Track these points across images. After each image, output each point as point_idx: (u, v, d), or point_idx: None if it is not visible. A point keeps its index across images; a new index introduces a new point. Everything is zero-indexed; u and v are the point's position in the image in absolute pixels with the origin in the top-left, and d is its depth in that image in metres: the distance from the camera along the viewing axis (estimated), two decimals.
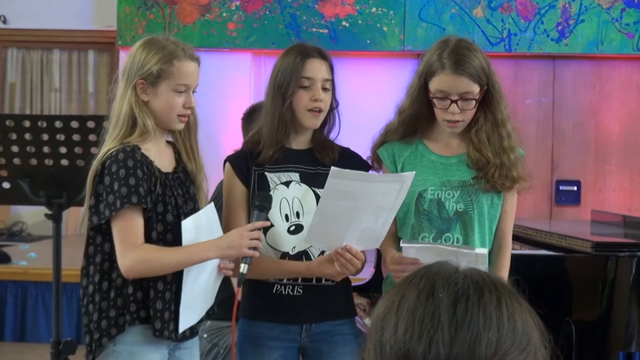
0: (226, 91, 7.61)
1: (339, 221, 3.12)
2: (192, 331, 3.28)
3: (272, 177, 3.35)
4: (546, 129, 7.96)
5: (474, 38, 7.38)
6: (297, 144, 3.41)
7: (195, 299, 3.20)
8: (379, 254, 4.56)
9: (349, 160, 3.41)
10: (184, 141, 3.31)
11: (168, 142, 3.33)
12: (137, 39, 8.18)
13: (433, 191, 3.33)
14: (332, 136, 3.48)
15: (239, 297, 3.19)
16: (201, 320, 3.33)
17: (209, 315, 3.37)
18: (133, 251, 3.02)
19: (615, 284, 4.19)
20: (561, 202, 7.95)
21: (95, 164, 3.11)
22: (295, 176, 3.36)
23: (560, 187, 7.96)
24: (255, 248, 3.10)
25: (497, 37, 7.66)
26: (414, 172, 3.16)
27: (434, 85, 3.28)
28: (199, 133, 3.36)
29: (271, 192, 3.32)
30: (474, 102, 3.26)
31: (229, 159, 3.43)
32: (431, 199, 3.33)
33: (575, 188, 7.96)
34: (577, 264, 4.34)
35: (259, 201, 3.20)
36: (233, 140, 6.72)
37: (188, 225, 3.10)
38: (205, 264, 3.16)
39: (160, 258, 3.05)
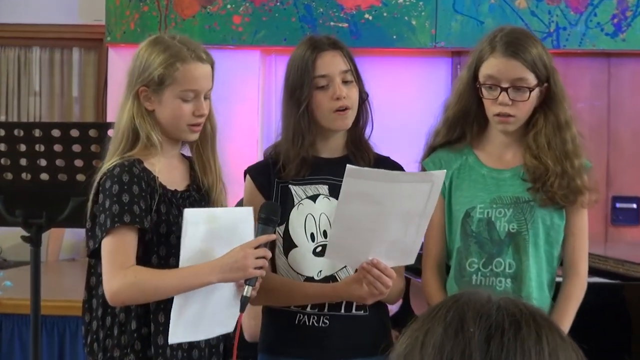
0: (231, 94, 7.60)
1: (362, 231, 3.07)
2: None
3: (296, 191, 3.33)
4: (600, 137, 7.93)
5: None
6: (328, 151, 3.38)
7: (203, 315, 3.15)
8: (408, 282, 4.55)
9: (385, 167, 3.31)
10: (199, 153, 3.29)
11: (184, 156, 3.33)
12: (129, 34, 8.21)
13: (482, 209, 3.30)
14: (366, 133, 3.43)
15: (241, 323, 3.15)
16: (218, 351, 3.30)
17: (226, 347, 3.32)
18: (121, 273, 3.02)
19: None
20: (618, 222, 7.93)
21: (95, 183, 3.12)
22: (323, 189, 3.33)
23: (617, 205, 7.94)
24: (261, 267, 3.06)
25: (544, 31, 7.65)
26: (445, 170, 3.13)
27: (483, 71, 3.26)
28: None
29: (295, 208, 3.30)
30: (527, 93, 3.23)
31: (249, 171, 3.43)
32: (480, 219, 3.30)
33: (635, 206, 7.93)
34: (636, 292, 4.34)
35: (265, 213, 3.13)
36: (239, 150, 6.73)
37: (193, 217, 3.05)
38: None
39: (152, 280, 3.05)
